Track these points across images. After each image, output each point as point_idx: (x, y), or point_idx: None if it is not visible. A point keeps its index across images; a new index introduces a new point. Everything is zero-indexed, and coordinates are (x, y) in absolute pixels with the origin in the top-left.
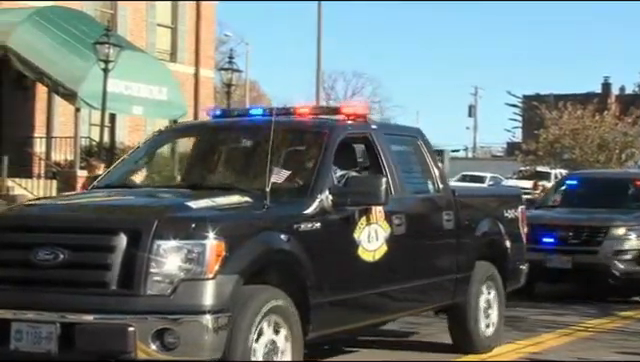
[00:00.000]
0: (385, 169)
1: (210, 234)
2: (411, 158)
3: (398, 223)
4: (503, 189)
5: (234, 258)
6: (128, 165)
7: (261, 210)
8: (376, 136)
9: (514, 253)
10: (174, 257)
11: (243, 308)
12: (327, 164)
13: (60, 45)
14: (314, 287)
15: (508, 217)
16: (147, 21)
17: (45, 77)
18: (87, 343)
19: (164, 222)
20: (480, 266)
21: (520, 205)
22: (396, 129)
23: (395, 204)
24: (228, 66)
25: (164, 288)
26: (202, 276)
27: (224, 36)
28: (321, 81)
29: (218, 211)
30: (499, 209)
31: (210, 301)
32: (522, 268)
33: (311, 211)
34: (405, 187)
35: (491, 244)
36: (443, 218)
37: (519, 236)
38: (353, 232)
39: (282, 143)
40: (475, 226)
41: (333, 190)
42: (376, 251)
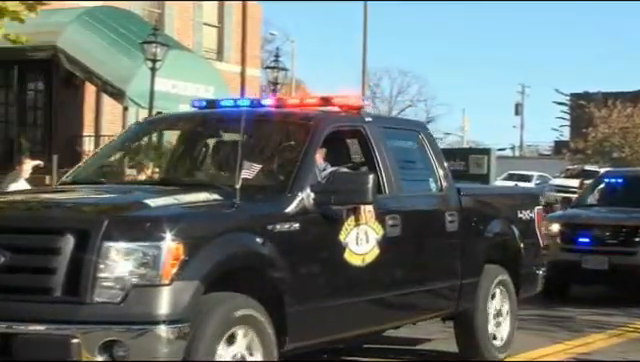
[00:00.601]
0: (379, 165)
1: (166, 235)
2: (411, 154)
3: (393, 224)
4: (517, 189)
5: (194, 262)
6: (101, 159)
7: (230, 209)
8: (370, 130)
9: (529, 257)
10: (125, 260)
11: (206, 318)
12: (310, 159)
13: (109, 45)
14: (291, 294)
15: (522, 218)
16: (194, 20)
17: (94, 76)
18: (27, 356)
19: (115, 221)
20: (489, 271)
21: (536, 206)
22: (395, 122)
23: (389, 203)
24: (274, 64)
25: (114, 295)
26: (157, 282)
27: (270, 35)
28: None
29: (179, 210)
30: (512, 210)
31: (165, 310)
32: (539, 273)
33: (289, 210)
34: (402, 185)
35: (502, 247)
36: (446, 219)
37: (535, 238)
38: (339, 234)
39: (263, 136)
40: (484, 228)
41: (315, 188)
42: (366, 255)
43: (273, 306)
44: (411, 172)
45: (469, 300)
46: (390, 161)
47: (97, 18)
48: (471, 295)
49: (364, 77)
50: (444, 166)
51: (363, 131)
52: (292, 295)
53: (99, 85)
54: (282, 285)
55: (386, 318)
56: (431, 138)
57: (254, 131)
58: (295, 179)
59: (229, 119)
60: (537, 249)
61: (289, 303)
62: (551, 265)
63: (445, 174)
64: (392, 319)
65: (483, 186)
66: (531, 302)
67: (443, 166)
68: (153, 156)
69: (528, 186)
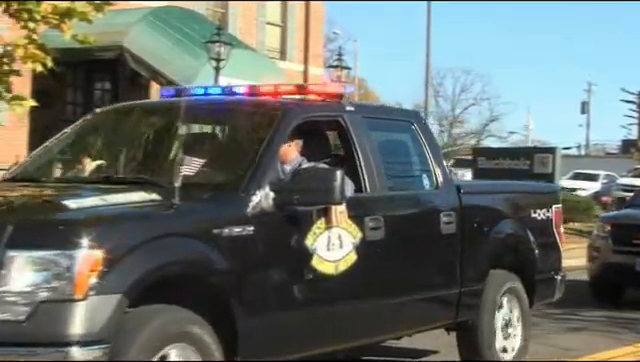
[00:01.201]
0: (359, 160)
1: (82, 242)
2: (402, 147)
3: (374, 226)
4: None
5: (118, 272)
6: (47, 154)
7: (167, 210)
8: (350, 120)
9: (545, 261)
10: (33, 271)
11: (131, 336)
12: (272, 154)
13: (173, 44)
14: (244, 307)
15: (537, 218)
16: (257, 19)
17: (159, 76)
18: None
19: (22, 226)
20: (496, 277)
21: (555, 204)
22: (384, 112)
23: (371, 203)
24: (337, 63)
25: (18, 312)
26: (69, 296)
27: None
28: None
29: (101, 212)
30: (524, 209)
31: (79, 329)
32: (557, 278)
33: (242, 212)
34: (388, 182)
35: (511, 251)
36: (441, 220)
37: (552, 240)
38: (305, 238)
39: (223, 127)
40: (489, 229)
41: (276, 186)
42: (340, 261)
43: (222, 321)
44: (401, 168)
45: (471, 310)
46: (374, 155)
47: (162, 18)
48: (473, 304)
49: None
50: (441, 161)
51: (342, 121)
52: (244, 308)
53: (164, 84)
54: (232, 297)
55: (366, 332)
56: (427, 129)
57: (212, 122)
58: (252, 176)
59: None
60: (555, 252)
61: (240, 317)
62: (603, 267)
63: (442, 170)
64: (374, 333)
65: (489, 182)
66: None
67: (440, 161)
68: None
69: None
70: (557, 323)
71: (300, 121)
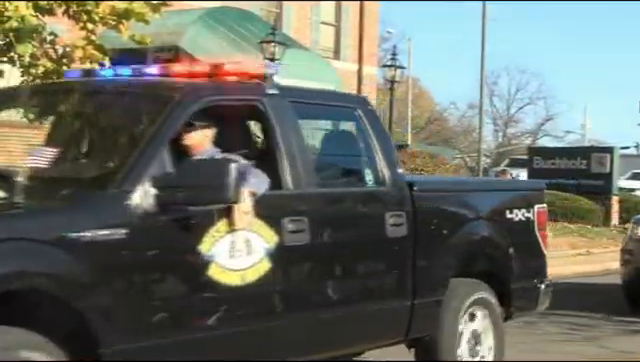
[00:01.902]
0: (279, 152)
1: None
2: (340, 137)
3: (295, 229)
4: (506, 182)
5: None
6: None
7: (10, 211)
8: (272, 105)
9: (524, 268)
10: None
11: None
12: (158, 143)
13: (228, 44)
14: (110, 331)
15: (514, 220)
16: (311, 19)
17: None
18: None
19: None
20: (460, 286)
21: (538, 203)
22: (318, 96)
23: (291, 202)
24: (391, 63)
25: None
26: None
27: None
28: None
29: None
30: (498, 209)
31: None
32: (540, 287)
33: (112, 212)
34: (316, 178)
35: (480, 256)
36: (386, 221)
37: (534, 245)
38: (199, 243)
39: (106, 113)
40: (450, 232)
41: (159, 182)
42: (248, 271)
43: (81, 344)
44: (337, 161)
45: (428, 324)
46: (300, 146)
47: (217, 18)
48: (430, 318)
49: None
50: (391, 154)
51: (261, 106)
52: (111, 331)
53: None
54: (93, 316)
55: (286, 353)
56: (374, 117)
57: (94, 107)
58: (130, 170)
59: (74, 91)
60: (537, 258)
61: (107, 343)
62: (636, 271)
63: (390, 164)
64: (297, 353)
65: (452, 179)
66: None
67: (389, 154)
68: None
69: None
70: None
71: (203, 106)
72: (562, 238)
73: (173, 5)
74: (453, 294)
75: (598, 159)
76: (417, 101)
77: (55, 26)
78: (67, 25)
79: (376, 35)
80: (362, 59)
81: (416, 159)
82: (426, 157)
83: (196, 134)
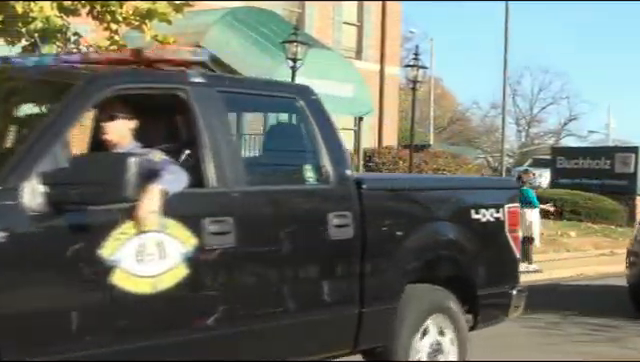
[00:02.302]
0: (203, 146)
1: None
2: (278, 130)
3: (218, 231)
4: (475, 180)
5: None
6: None
7: None
8: (196, 95)
9: (493, 272)
10: None
11: None
12: (51, 136)
13: (251, 44)
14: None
15: (481, 220)
16: (334, 19)
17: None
18: None
19: None
20: (418, 293)
21: (509, 203)
22: (252, 86)
23: (215, 201)
24: (413, 63)
25: None
26: None
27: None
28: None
29: None
30: (462, 208)
31: None
32: (512, 293)
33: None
34: (245, 175)
35: (440, 260)
36: (329, 222)
37: (505, 247)
38: (100, 247)
39: (9, 101)
40: (405, 234)
41: (49, 179)
42: (161, 277)
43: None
44: (272, 156)
45: (379, 334)
46: (227, 140)
47: (239, 18)
48: (382, 328)
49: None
50: (337, 149)
51: (184, 96)
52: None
53: None
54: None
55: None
56: (318, 108)
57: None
58: (16, 164)
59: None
60: (508, 262)
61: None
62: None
63: (336, 159)
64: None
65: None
66: None
67: (335, 149)
68: None
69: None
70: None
71: (109, 94)
72: (586, 238)
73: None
74: (410, 302)
75: (622, 159)
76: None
77: (79, 26)
78: (91, 25)
79: (398, 35)
80: (384, 59)
81: (438, 159)
82: (448, 157)
83: (114, 127)
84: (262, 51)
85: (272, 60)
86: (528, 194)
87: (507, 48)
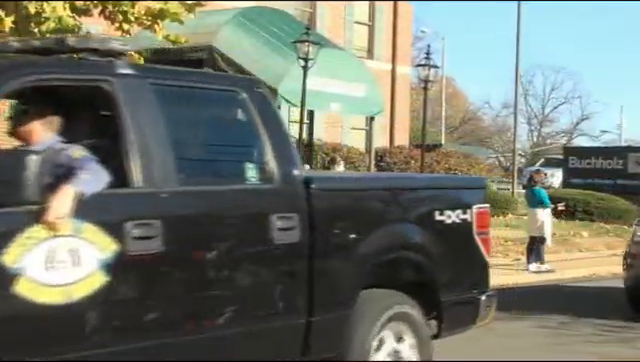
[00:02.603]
0: (129, 142)
1: None
2: (217, 126)
3: (142, 235)
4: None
5: None
6: None
7: None
8: (123, 87)
9: (460, 277)
10: None
11: None
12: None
13: (262, 44)
14: None
15: (445, 222)
16: (345, 19)
17: (247, 75)
18: None
19: None
20: (374, 300)
21: (477, 203)
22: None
23: (138, 203)
24: (425, 62)
25: None
26: None
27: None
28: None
29: None
30: (424, 209)
31: None
32: (480, 299)
33: None
34: (177, 174)
35: (401, 265)
36: (273, 225)
37: (472, 251)
38: (1, 253)
39: None
40: (359, 237)
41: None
42: (74, 286)
43: None
44: (209, 153)
45: (330, 343)
46: (157, 136)
47: (251, 18)
48: (334, 336)
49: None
50: (284, 146)
51: (109, 88)
52: None
53: None
54: None
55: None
56: (264, 103)
57: None
58: None
59: None
60: (477, 266)
61: None
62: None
63: (282, 157)
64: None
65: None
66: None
67: (280, 145)
68: None
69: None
70: None
71: (18, 86)
72: (598, 238)
73: (207, 5)
74: (365, 308)
75: (635, 159)
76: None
77: (91, 26)
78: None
79: (410, 34)
80: (396, 59)
81: (450, 159)
82: (460, 157)
83: (30, 120)
84: (273, 51)
85: (284, 60)
86: (540, 194)
87: (519, 47)
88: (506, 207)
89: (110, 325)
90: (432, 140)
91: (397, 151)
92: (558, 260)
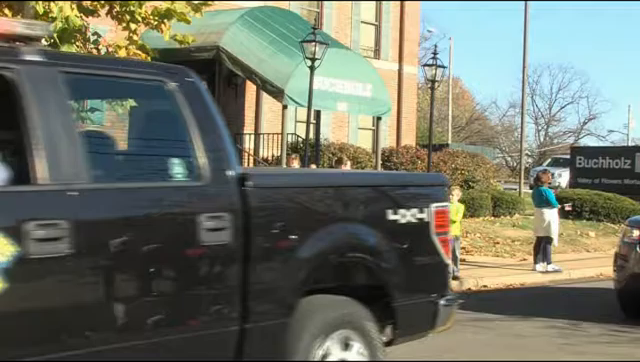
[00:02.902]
0: (33, 135)
1: None
2: (140, 118)
3: (46, 237)
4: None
5: None
6: None
7: None
8: (29, 76)
9: (415, 280)
10: None
11: None
12: None
13: (269, 44)
14: None
15: (399, 221)
16: (352, 18)
17: (254, 75)
18: None
19: None
20: (317, 305)
21: (435, 202)
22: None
23: (42, 202)
24: (432, 62)
25: None
26: None
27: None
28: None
29: None
30: (375, 209)
31: None
32: (439, 303)
33: None
34: (87, 170)
35: (348, 268)
36: (200, 225)
37: (430, 252)
38: None
39: None
40: (302, 238)
41: None
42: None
43: None
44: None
45: (267, 353)
46: (64, 129)
47: (258, 18)
48: (270, 345)
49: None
50: (214, 140)
51: (13, 77)
52: None
53: (259, 84)
54: None
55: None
56: (193, 93)
57: None
58: None
59: None
60: (434, 268)
61: None
62: (631, 279)
63: (212, 152)
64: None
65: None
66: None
67: (212, 139)
68: None
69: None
70: None
71: None
72: (605, 238)
73: (214, 5)
74: (307, 316)
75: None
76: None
77: (98, 26)
78: (110, 25)
79: (417, 34)
80: (402, 58)
81: (457, 159)
82: (467, 156)
83: None
84: (280, 51)
85: (290, 60)
86: (547, 194)
87: (526, 47)
88: (513, 207)
89: (8, 335)
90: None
91: (404, 151)
92: (565, 260)
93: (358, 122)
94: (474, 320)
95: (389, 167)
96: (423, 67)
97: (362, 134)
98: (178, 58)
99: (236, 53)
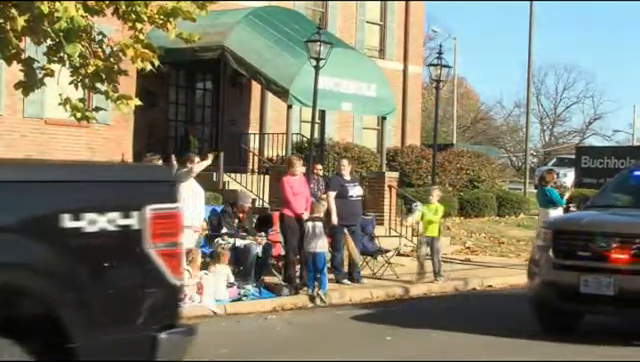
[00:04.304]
0: None
1: None
2: None
3: None
4: (68, 169)
5: None
6: None
7: None
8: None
9: (113, 308)
10: None
11: None
12: None
13: (273, 44)
14: None
15: (84, 230)
16: (357, 18)
17: (259, 75)
18: None
19: None
20: None
21: (154, 203)
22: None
23: None
24: (437, 62)
25: None
26: None
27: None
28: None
29: None
30: (36, 212)
31: None
32: (160, 337)
33: None
34: None
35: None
36: None
37: (142, 269)
38: None
39: None
40: None
41: None
42: None
43: None
44: None
45: None
46: None
47: (262, 18)
48: None
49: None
50: None
51: None
52: None
53: (263, 83)
54: None
55: None
56: None
57: None
58: None
59: None
60: (154, 291)
61: None
62: (542, 287)
63: None
64: None
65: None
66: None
67: None
68: None
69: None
70: None
71: None
72: None
73: (219, 5)
74: None
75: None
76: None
77: (103, 26)
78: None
79: (421, 34)
80: (407, 58)
81: (462, 158)
82: (471, 156)
83: None
84: (285, 50)
85: (295, 60)
86: (552, 194)
87: (531, 47)
88: (518, 207)
89: None
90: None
91: (409, 151)
92: None
93: (363, 122)
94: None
95: (394, 167)
96: (428, 67)
97: (367, 134)
98: (183, 58)
99: (241, 53)
